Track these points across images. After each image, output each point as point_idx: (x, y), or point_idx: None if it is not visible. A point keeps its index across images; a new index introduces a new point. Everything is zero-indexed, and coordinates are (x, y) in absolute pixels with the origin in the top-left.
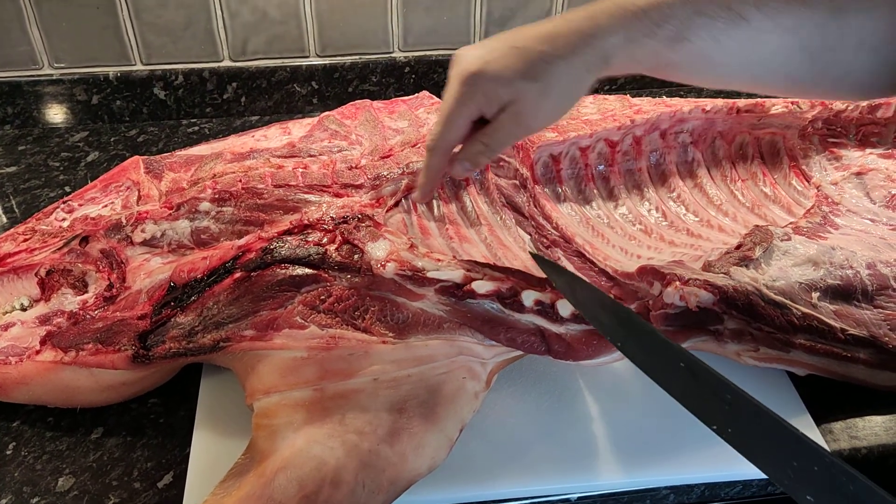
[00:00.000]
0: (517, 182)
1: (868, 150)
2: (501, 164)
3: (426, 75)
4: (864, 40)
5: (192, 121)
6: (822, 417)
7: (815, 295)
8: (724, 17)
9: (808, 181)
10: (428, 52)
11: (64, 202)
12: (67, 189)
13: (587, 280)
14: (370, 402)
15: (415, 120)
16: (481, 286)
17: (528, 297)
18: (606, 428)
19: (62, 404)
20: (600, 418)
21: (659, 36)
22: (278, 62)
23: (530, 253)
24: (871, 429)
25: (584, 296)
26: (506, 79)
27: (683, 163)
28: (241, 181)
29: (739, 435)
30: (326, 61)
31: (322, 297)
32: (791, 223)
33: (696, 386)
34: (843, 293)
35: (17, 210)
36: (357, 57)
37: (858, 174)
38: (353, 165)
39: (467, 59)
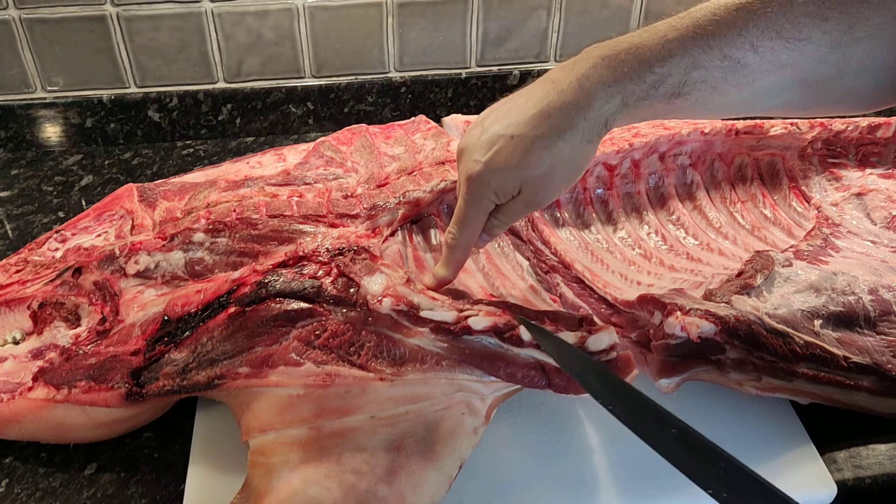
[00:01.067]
0: None
1: (868, 171)
2: None
3: (422, 95)
4: (866, 67)
5: (188, 142)
6: (825, 446)
7: (818, 322)
8: (721, 65)
9: (808, 202)
10: (424, 72)
11: (56, 231)
12: (61, 214)
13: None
14: (367, 441)
15: (411, 146)
16: (478, 322)
17: (526, 332)
18: (608, 459)
19: (55, 441)
20: (602, 449)
21: (656, 96)
22: (273, 83)
23: (517, 318)
24: (876, 458)
25: (573, 361)
26: (510, 175)
27: (682, 185)
28: (235, 211)
29: (736, 501)
30: (322, 82)
31: (317, 333)
32: (792, 246)
33: (689, 452)
34: (846, 320)
35: (10, 236)
36: (353, 77)
37: (859, 195)
38: (349, 194)
39: (470, 162)
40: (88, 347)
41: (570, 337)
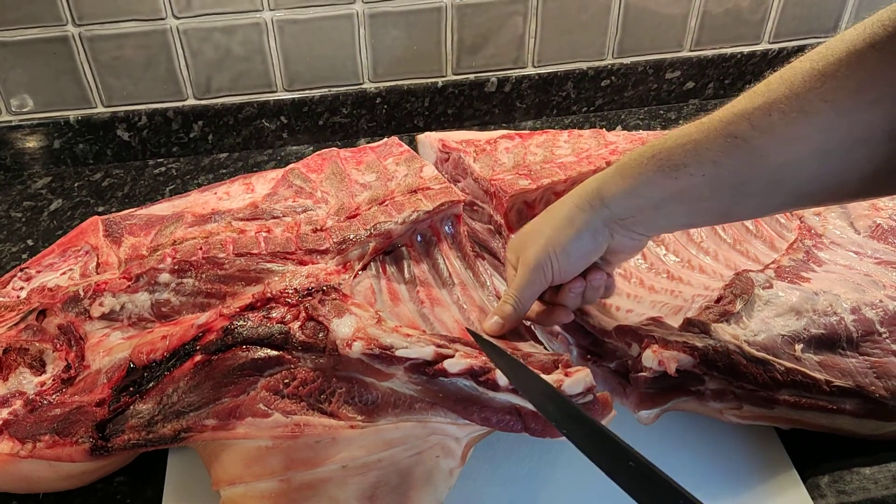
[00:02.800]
0: (492, 227)
1: None
2: (476, 208)
3: (398, 105)
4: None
5: (159, 161)
6: (808, 470)
7: (799, 347)
8: (725, 143)
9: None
10: (399, 82)
11: (21, 269)
12: (30, 242)
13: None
14: (339, 492)
15: (383, 172)
16: (453, 365)
17: (503, 376)
18: (588, 494)
19: (23, 492)
20: (581, 484)
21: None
22: (245, 98)
23: (466, 329)
24: (860, 482)
25: (527, 382)
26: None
27: None
28: (201, 249)
29: None
30: (295, 95)
31: (286, 381)
32: (774, 262)
33: (646, 485)
34: (828, 342)
35: None
36: (326, 90)
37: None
38: (319, 227)
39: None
40: (53, 397)
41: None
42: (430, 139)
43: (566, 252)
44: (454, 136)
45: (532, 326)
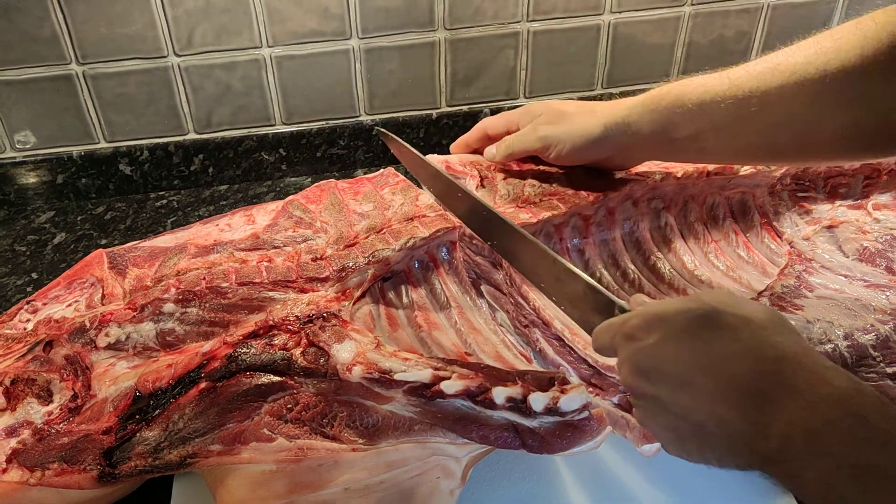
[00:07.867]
0: (493, 260)
1: (838, 202)
2: (475, 241)
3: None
4: None
5: (161, 193)
6: None
7: None
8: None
9: (780, 238)
10: (395, 114)
11: (27, 302)
12: (34, 275)
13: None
14: None
15: (380, 202)
16: (450, 386)
17: (500, 394)
18: None
19: None
20: (581, 502)
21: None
22: (244, 132)
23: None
24: None
25: (455, 197)
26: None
27: (657, 228)
28: (204, 279)
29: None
30: (293, 128)
31: (289, 406)
32: (767, 288)
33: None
34: None
35: None
36: (324, 122)
37: (829, 227)
38: (318, 256)
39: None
40: (61, 426)
41: (541, 398)
42: (433, 161)
43: (575, 150)
44: (457, 160)
45: (532, 356)
